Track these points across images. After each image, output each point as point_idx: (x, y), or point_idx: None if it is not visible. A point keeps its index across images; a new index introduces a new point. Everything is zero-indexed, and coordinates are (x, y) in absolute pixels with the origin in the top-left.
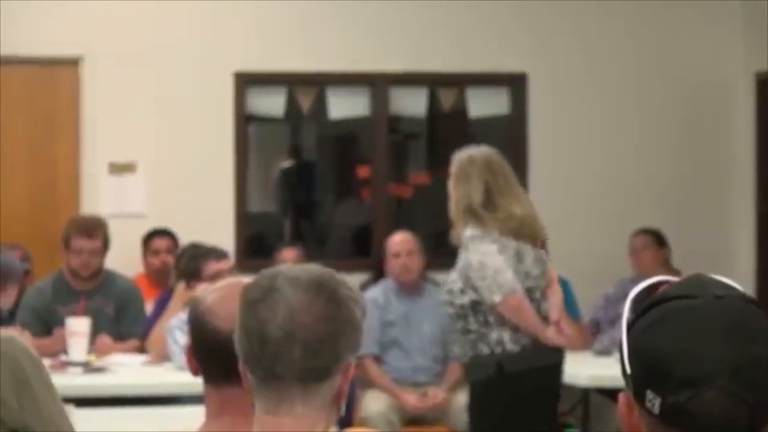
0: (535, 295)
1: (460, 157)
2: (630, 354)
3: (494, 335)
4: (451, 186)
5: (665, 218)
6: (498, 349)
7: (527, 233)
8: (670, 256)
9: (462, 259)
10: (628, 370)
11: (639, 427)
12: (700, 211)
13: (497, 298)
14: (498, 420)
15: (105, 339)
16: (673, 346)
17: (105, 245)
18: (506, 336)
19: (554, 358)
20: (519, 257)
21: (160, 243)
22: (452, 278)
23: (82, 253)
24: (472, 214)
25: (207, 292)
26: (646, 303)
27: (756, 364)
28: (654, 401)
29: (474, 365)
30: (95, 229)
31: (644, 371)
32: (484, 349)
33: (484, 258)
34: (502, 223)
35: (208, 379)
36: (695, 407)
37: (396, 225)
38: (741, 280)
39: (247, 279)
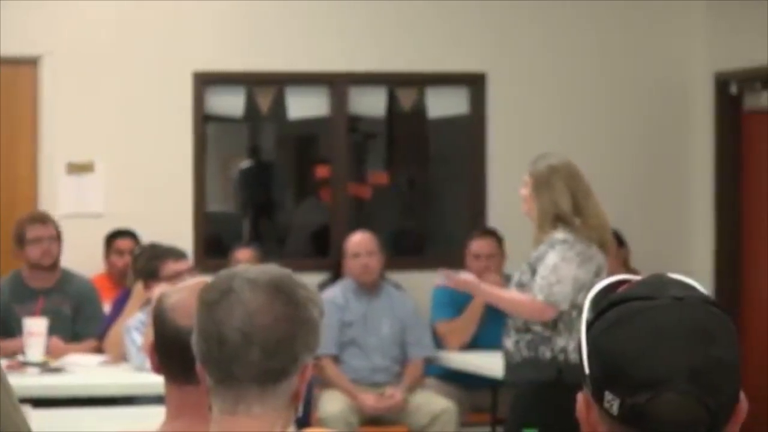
0: None
1: (539, 165)
2: (589, 354)
3: (560, 342)
4: (530, 194)
5: (624, 218)
6: (561, 357)
7: (605, 242)
8: (629, 256)
9: (541, 252)
10: (587, 371)
11: (597, 427)
12: (659, 211)
13: (540, 297)
14: (540, 423)
15: (55, 341)
16: (632, 348)
17: (59, 238)
18: (572, 345)
19: None
20: (598, 272)
21: (124, 243)
22: (522, 269)
23: (41, 240)
24: (562, 221)
25: (172, 290)
26: (605, 303)
27: (715, 366)
28: (612, 402)
29: (533, 366)
30: (47, 217)
31: (603, 372)
32: (546, 353)
33: (560, 263)
34: (592, 231)
35: (169, 378)
36: (654, 409)
37: (355, 225)
38: (699, 280)
39: (210, 279)
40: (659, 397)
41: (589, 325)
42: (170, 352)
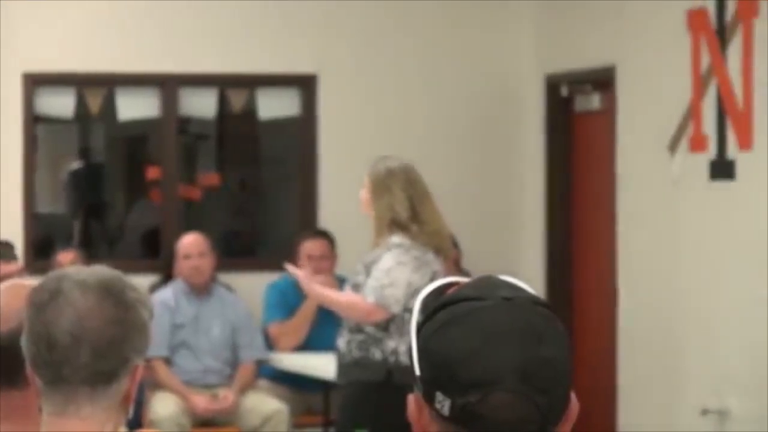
0: None
1: (377, 169)
2: (419, 356)
3: (391, 343)
4: (368, 198)
5: (455, 219)
6: (392, 358)
7: (444, 249)
8: (460, 257)
9: (376, 254)
10: (418, 372)
11: (429, 428)
12: (491, 212)
13: (371, 299)
14: (369, 423)
15: None
16: (462, 348)
17: None
18: (402, 347)
19: None
20: (433, 278)
21: None
22: (358, 269)
23: None
24: (399, 226)
25: None
26: (435, 305)
27: (545, 365)
28: (444, 403)
29: (363, 366)
30: None
31: (433, 373)
32: (377, 354)
33: (394, 267)
34: (428, 237)
35: None
36: (484, 409)
37: (186, 226)
38: (530, 280)
39: (29, 281)
40: (489, 396)
41: (419, 327)
42: None
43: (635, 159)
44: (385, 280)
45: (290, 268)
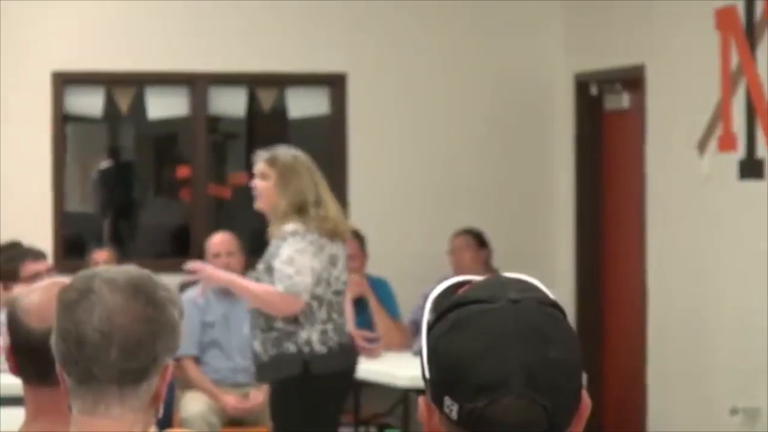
0: (340, 297)
1: (283, 155)
2: (428, 358)
3: (304, 335)
4: (274, 185)
5: (486, 218)
6: (306, 349)
7: (341, 233)
8: (490, 256)
9: (273, 247)
10: (427, 375)
11: (439, 429)
12: (521, 211)
13: (280, 288)
14: (298, 419)
15: None
16: (469, 353)
17: None
18: (315, 336)
19: (355, 361)
20: (332, 261)
21: None
22: (259, 269)
23: None
24: (300, 211)
25: (26, 292)
26: (446, 304)
27: (552, 368)
28: (452, 407)
29: (279, 363)
30: None
31: (441, 377)
32: (291, 348)
33: (295, 255)
34: (324, 222)
35: (25, 380)
36: (492, 414)
37: (215, 225)
38: (561, 279)
39: (66, 279)
40: (497, 401)
41: (430, 327)
42: (24, 354)
43: (664, 158)
44: (291, 269)
45: (188, 265)
